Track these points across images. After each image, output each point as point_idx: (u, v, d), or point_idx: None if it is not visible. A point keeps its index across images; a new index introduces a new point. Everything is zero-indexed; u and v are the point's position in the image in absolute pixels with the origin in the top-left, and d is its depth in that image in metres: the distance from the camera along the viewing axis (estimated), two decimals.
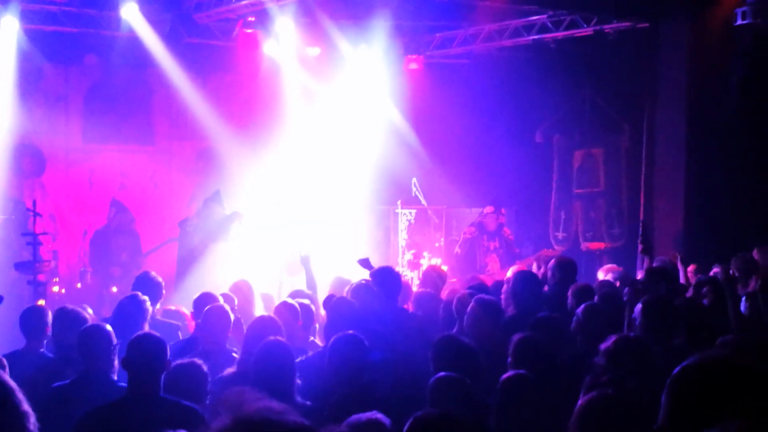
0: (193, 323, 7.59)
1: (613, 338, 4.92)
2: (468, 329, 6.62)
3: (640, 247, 8.17)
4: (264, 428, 1.78)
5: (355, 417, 4.03)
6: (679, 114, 12.22)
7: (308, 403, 5.26)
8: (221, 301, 7.12)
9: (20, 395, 4.60)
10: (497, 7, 12.65)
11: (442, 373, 4.92)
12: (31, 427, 4.57)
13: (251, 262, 11.96)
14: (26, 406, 4.59)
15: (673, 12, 12.19)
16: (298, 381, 5.45)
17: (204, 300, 7.22)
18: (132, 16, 12.39)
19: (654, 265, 8.54)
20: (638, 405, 3.64)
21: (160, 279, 8.01)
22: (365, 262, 8.56)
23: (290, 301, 7.17)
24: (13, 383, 4.63)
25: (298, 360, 6.06)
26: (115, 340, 5.62)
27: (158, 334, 5.20)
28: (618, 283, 8.41)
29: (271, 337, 5.48)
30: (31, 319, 6.64)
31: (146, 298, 6.97)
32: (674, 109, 12.30)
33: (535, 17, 13.27)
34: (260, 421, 1.79)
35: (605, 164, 14.34)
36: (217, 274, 11.47)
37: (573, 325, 6.37)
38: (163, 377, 4.93)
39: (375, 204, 14.75)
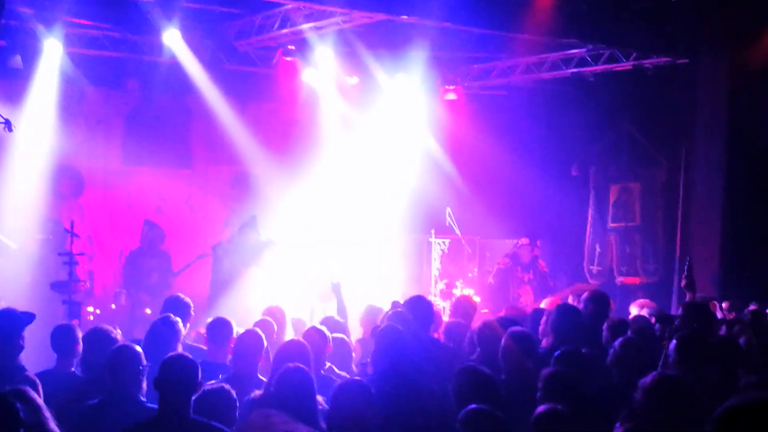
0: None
1: (652, 375, 4.87)
2: (502, 361, 6.61)
3: (683, 282, 8.07)
4: None
5: None
6: (718, 150, 12.15)
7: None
8: (234, 326, 7.14)
9: (47, 413, 4.63)
10: (536, 39, 12.65)
11: (473, 406, 4.89)
12: None
13: (284, 287, 11.98)
14: (53, 425, 4.62)
15: (712, 48, 12.14)
16: (325, 406, 5.43)
17: (218, 325, 7.23)
18: (174, 42, 12.53)
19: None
20: None
21: (188, 300, 8.05)
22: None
23: (319, 326, 7.18)
24: (41, 402, 4.67)
25: None
26: (144, 361, 5.64)
27: (190, 356, 5.22)
28: (653, 319, 8.35)
29: (290, 364, 5.47)
30: (61, 338, 6.68)
31: (178, 319, 7.00)
32: (712, 145, 12.23)
33: (574, 50, 13.25)
34: None
35: (641, 199, 14.22)
36: (249, 299, 11.50)
37: (609, 358, 6.33)
38: (193, 399, 4.95)
39: (409, 232, 14.73)
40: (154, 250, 13.02)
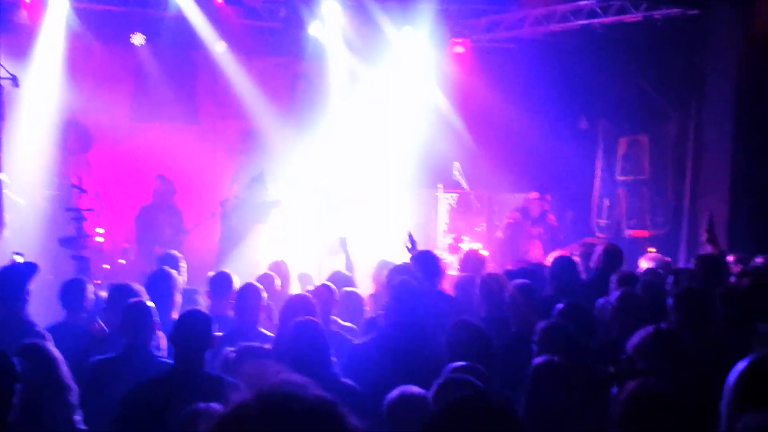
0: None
1: (645, 329, 4.81)
2: (508, 313, 6.67)
3: (704, 236, 8.06)
4: (285, 402, 1.77)
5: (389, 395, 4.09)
6: (728, 103, 12.05)
7: (349, 382, 5.23)
8: (235, 279, 7.18)
9: (65, 368, 4.68)
10: None
11: (457, 363, 4.82)
12: (72, 400, 4.65)
13: (292, 242, 12.01)
14: (69, 380, 4.67)
15: None
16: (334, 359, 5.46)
17: (218, 279, 7.29)
18: None
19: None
20: (678, 396, 3.58)
21: (179, 255, 8.21)
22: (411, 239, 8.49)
23: (327, 283, 7.24)
24: (58, 354, 4.71)
25: (358, 342, 6.13)
26: (157, 317, 5.70)
27: (207, 312, 5.26)
28: (661, 272, 8.33)
29: (301, 317, 5.49)
30: (71, 292, 6.74)
31: (174, 271, 7.08)
32: (723, 98, 12.12)
33: (583, 2, 13.13)
34: (281, 395, 1.78)
35: (651, 152, 14.13)
36: (257, 254, 11.54)
37: (609, 312, 6.32)
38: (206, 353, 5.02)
39: (416, 187, 14.70)
40: (167, 204, 13.05)
